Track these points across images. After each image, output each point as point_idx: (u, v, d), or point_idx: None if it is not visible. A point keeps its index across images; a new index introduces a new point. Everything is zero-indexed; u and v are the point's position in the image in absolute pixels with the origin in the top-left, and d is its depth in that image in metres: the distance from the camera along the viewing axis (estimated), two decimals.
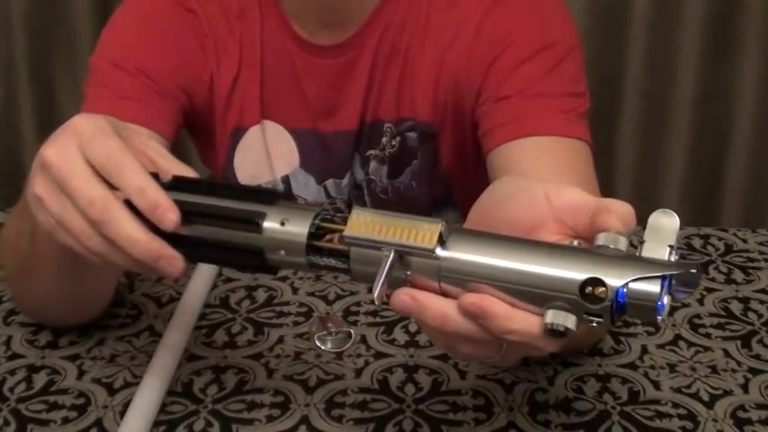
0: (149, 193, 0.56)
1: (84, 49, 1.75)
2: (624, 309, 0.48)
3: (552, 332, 0.48)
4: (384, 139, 0.96)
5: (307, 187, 1.00)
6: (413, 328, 0.84)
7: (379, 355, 0.80)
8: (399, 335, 0.83)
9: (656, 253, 0.49)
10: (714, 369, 0.78)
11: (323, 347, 0.81)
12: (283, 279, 0.93)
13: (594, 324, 0.49)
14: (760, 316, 0.87)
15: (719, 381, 0.77)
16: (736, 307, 0.88)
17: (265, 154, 0.98)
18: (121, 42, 0.93)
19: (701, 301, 0.89)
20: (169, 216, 0.56)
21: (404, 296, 0.51)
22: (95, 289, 0.80)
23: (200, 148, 1.05)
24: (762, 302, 0.89)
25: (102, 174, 0.58)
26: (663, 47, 1.73)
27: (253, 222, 0.55)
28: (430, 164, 0.97)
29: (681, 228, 0.51)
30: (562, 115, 0.86)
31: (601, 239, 0.50)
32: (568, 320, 0.48)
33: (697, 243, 1.01)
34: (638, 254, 0.50)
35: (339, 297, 0.90)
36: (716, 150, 1.80)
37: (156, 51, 0.92)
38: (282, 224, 0.55)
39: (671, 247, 0.50)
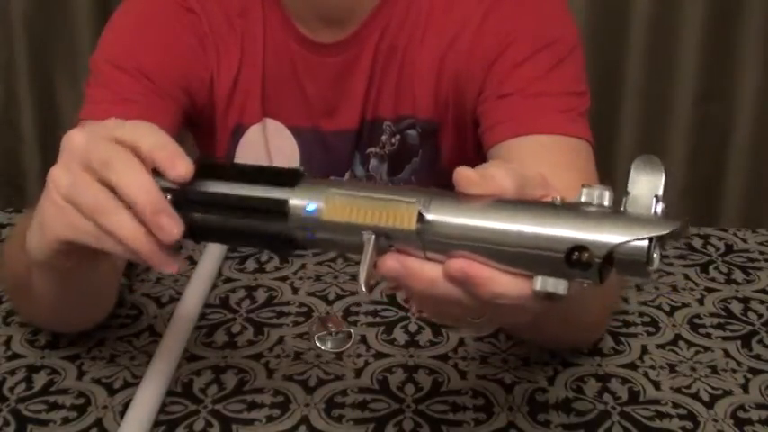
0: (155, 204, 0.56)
1: (84, 49, 1.75)
2: (612, 267, 0.47)
3: (545, 296, 0.48)
4: (384, 138, 0.96)
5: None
6: (413, 328, 0.84)
7: (379, 355, 0.80)
8: (399, 335, 0.83)
9: (642, 206, 0.47)
10: (714, 369, 0.78)
11: (323, 347, 0.81)
12: (283, 279, 0.93)
13: (585, 285, 0.48)
14: (760, 316, 0.87)
15: (719, 381, 0.77)
16: (736, 307, 0.88)
17: (266, 152, 0.98)
18: (121, 43, 0.93)
19: (701, 301, 0.89)
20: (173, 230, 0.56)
21: (391, 261, 0.51)
22: (89, 309, 0.81)
23: (201, 146, 1.05)
24: (762, 302, 0.89)
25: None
26: (663, 47, 1.73)
27: (278, 212, 0.54)
28: (430, 161, 0.97)
29: None
30: (563, 114, 0.86)
31: (585, 195, 0.48)
32: (558, 285, 0.47)
33: (697, 243, 1.01)
34: (622, 208, 0.48)
35: (339, 297, 0.90)
36: (716, 150, 1.80)
37: (156, 52, 0.92)
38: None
39: (657, 197, 0.47)
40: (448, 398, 0.74)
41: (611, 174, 1.80)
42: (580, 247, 0.46)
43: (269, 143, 0.98)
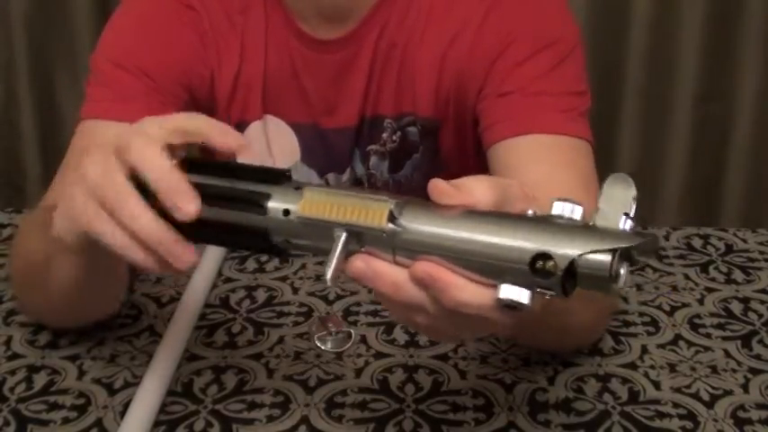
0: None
1: (84, 48, 1.75)
2: (576, 280, 0.47)
3: (507, 305, 0.48)
4: (385, 135, 0.97)
5: (308, 181, 1.00)
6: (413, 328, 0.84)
7: (379, 355, 0.80)
8: (399, 335, 0.83)
9: (611, 221, 0.48)
10: (714, 369, 0.78)
11: (323, 347, 0.81)
12: (283, 279, 0.93)
13: (548, 297, 0.48)
14: (760, 316, 0.87)
15: (719, 381, 0.77)
16: (736, 307, 0.88)
17: (267, 148, 0.99)
18: (122, 42, 0.93)
19: (700, 301, 0.89)
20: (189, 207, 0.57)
21: (359, 262, 0.51)
22: (101, 301, 0.81)
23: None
24: (762, 302, 0.89)
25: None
26: (663, 47, 1.73)
27: (257, 204, 0.56)
28: (431, 157, 0.97)
29: (680, 227, 0.50)
30: (563, 114, 0.86)
31: (557, 208, 0.49)
32: (522, 295, 0.48)
33: (697, 243, 1.01)
34: (592, 223, 0.48)
35: (339, 297, 0.90)
36: (716, 150, 1.80)
37: (157, 50, 0.92)
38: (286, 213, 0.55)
39: (626, 215, 0.48)
40: (448, 398, 0.74)
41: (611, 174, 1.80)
42: (544, 255, 0.47)
43: (270, 140, 0.98)
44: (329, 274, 0.51)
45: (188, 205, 0.56)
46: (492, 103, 0.89)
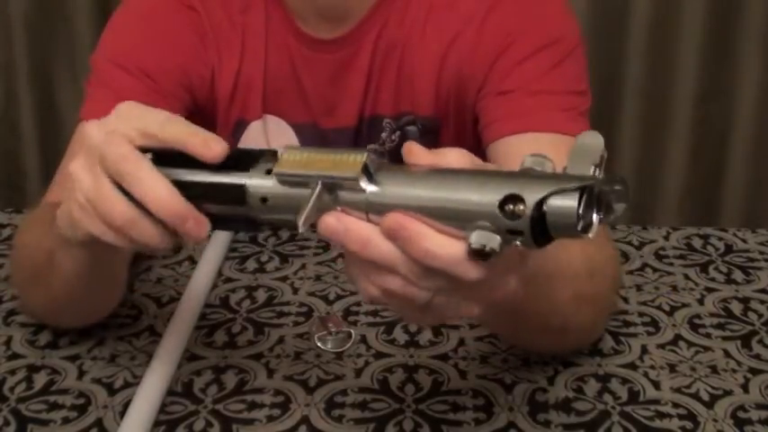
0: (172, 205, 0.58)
1: (85, 48, 1.74)
2: (547, 227, 0.48)
3: (476, 253, 0.48)
4: (384, 135, 0.97)
5: None
6: (413, 328, 0.84)
7: (379, 355, 0.80)
8: (399, 335, 0.83)
9: (580, 172, 0.49)
10: (714, 369, 0.78)
11: (323, 347, 0.81)
12: (283, 279, 0.93)
13: (519, 243, 0.48)
14: (760, 316, 0.87)
15: (719, 381, 0.77)
16: (736, 307, 0.88)
17: (267, 147, 0.99)
18: (123, 42, 0.93)
19: (700, 301, 0.89)
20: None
21: (330, 218, 0.52)
22: (104, 295, 0.81)
23: None
24: (762, 302, 0.89)
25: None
26: (663, 47, 1.73)
27: (238, 199, 0.57)
28: None
29: (680, 227, 0.50)
30: (563, 113, 0.86)
31: (527, 162, 0.50)
32: (492, 240, 0.48)
33: (697, 243, 1.01)
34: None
35: (339, 297, 0.90)
36: (716, 150, 1.80)
37: (158, 51, 0.92)
38: (264, 200, 0.56)
39: (596, 165, 0.49)
40: (448, 398, 0.74)
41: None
42: (514, 197, 0.48)
43: (270, 139, 0.98)
44: (301, 220, 0.51)
45: (200, 229, 0.58)
46: (492, 101, 0.89)
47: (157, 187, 0.57)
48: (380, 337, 0.83)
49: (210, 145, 0.59)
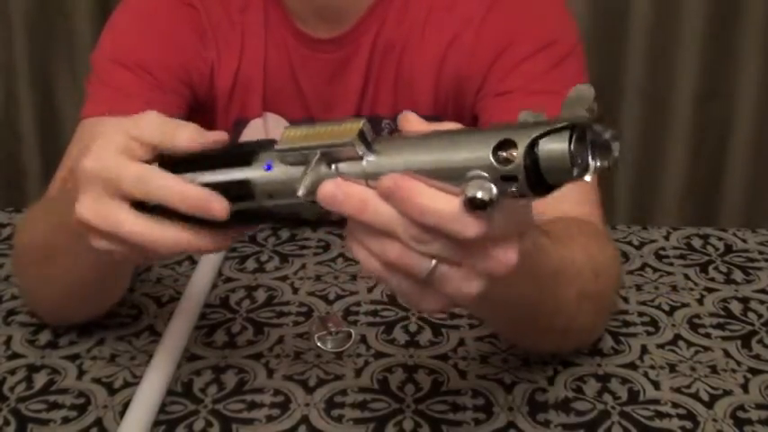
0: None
1: (85, 48, 1.74)
2: (541, 172, 0.48)
3: (472, 202, 0.48)
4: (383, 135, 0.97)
5: None
6: (413, 328, 0.84)
7: (379, 355, 0.80)
8: (399, 335, 0.83)
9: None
10: (714, 369, 0.78)
11: (323, 347, 0.81)
12: (283, 279, 0.93)
13: (515, 190, 0.48)
14: (760, 316, 0.87)
15: (719, 381, 0.77)
16: (736, 307, 0.88)
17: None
18: (122, 40, 0.93)
19: (700, 301, 0.89)
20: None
21: (329, 184, 0.52)
22: (110, 287, 0.81)
23: None
24: (762, 302, 0.89)
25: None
26: (663, 47, 1.73)
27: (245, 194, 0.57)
28: None
29: (680, 227, 0.50)
30: None
31: (522, 116, 0.50)
32: (486, 187, 0.48)
33: (697, 243, 1.01)
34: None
35: (339, 297, 0.90)
36: (716, 150, 1.80)
37: (157, 48, 0.92)
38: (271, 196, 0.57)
39: (588, 110, 0.49)
40: (448, 398, 0.74)
41: (611, 173, 1.80)
42: (506, 141, 0.48)
43: (269, 137, 0.98)
44: (301, 190, 0.52)
45: (218, 206, 0.58)
46: (491, 101, 0.89)
47: (176, 185, 0.58)
48: (380, 337, 0.83)
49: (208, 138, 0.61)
